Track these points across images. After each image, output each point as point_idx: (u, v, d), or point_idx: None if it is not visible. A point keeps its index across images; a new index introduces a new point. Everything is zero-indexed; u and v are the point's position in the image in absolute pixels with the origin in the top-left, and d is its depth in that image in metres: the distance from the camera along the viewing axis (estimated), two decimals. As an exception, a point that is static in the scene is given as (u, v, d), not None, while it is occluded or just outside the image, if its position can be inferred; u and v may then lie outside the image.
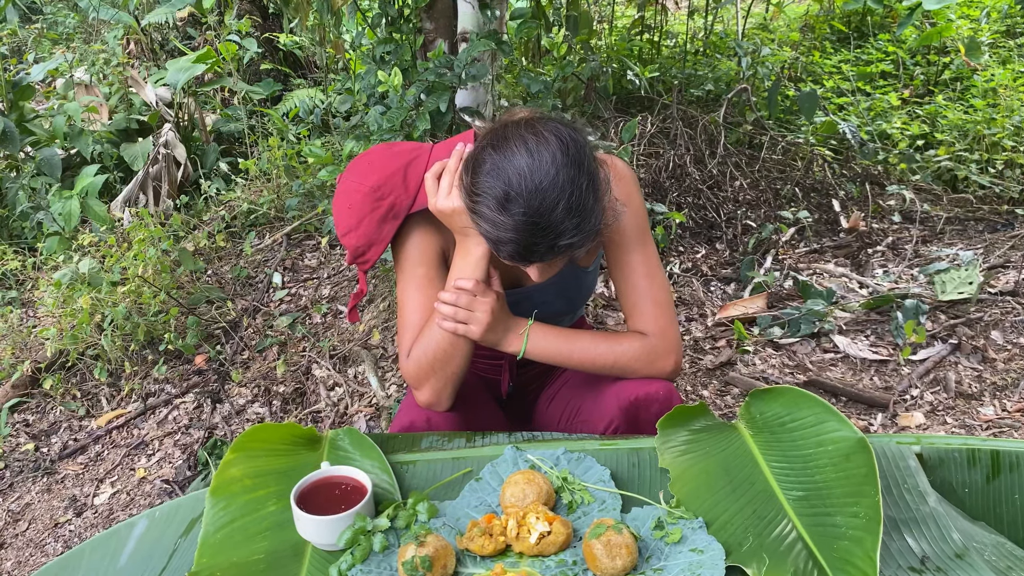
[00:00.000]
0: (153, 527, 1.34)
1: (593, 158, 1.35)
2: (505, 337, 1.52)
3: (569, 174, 1.28)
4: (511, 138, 1.32)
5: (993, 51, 5.21)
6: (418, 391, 1.53)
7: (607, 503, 1.26)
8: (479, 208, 1.32)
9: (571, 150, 1.30)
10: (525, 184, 1.27)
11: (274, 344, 3.23)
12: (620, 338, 1.54)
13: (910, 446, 1.32)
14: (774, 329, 2.99)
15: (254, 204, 4.10)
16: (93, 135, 4.58)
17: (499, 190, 1.29)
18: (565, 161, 1.28)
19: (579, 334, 1.55)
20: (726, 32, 5.85)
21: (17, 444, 2.95)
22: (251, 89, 5.01)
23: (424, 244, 1.56)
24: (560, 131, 1.32)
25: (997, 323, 2.88)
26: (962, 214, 3.78)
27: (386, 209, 1.53)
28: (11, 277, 3.92)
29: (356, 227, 1.55)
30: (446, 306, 1.46)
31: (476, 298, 1.46)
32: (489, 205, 1.30)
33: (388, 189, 1.53)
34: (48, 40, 6.52)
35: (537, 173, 1.27)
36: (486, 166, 1.32)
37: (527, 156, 1.28)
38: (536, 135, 1.30)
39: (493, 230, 1.31)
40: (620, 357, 1.51)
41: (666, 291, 1.57)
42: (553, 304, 1.66)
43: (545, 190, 1.27)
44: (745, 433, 1.34)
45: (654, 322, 1.53)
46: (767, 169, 4.05)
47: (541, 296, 1.64)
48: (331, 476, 1.29)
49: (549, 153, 1.28)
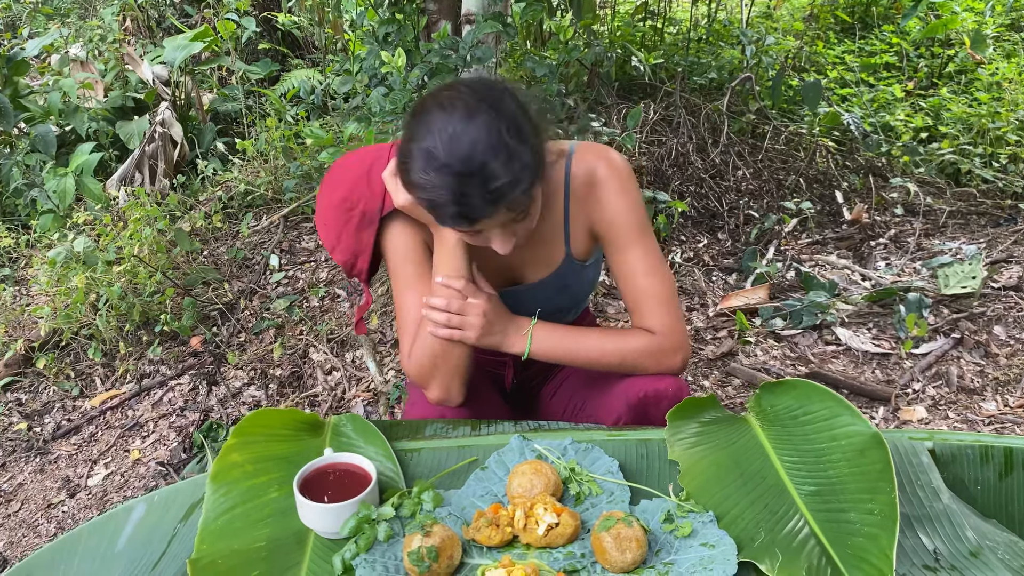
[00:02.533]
0: (152, 512, 1.31)
1: (519, 104, 1.31)
2: (506, 338, 1.48)
3: (485, 119, 1.24)
4: (427, 102, 1.30)
5: (998, 44, 5.18)
6: (427, 390, 1.51)
7: (615, 495, 1.24)
8: (411, 178, 1.30)
9: (486, 97, 1.27)
10: (442, 137, 1.24)
11: (271, 327, 3.20)
12: (627, 336, 1.50)
13: (923, 442, 1.30)
14: (776, 320, 2.97)
15: (251, 185, 4.06)
16: (88, 112, 4.52)
17: (421, 151, 1.26)
18: (480, 107, 1.25)
19: (585, 332, 1.52)
20: (730, 20, 5.80)
21: (10, 423, 2.91)
22: (249, 69, 4.96)
23: (407, 241, 1.52)
24: (473, 83, 1.31)
25: (1000, 318, 2.87)
26: (965, 208, 3.76)
27: (359, 218, 1.51)
28: (4, 255, 3.87)
29: (337, 243, 1.54)
30: (436, 312, 1.43)
31: (467, 301, 1.43)
32: (416, 169, 1.28)
33: (356, 198, 1.51)
34: (43, 15, 6.42)
35: (451, 123, 1.24)
36: (407, 135, 1.30)
37: (441, 112, 1.26)
38: (450, 91, 1.29)
39: (427, 194, 1.28)
40: (627, 356, 1.48)
41: (669, 286, 1.52)
42: (555, 300, 1.62)
43: (460, 136, 1.23)
44: (756, 426, 1.32)
45: (660, 320, 1.49)
46: (770, 159, 4.02)
47: (542, 293, 1.60)
48: (334, 463, 1.26)
49: (462, 103, 1.26)
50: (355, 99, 3.76)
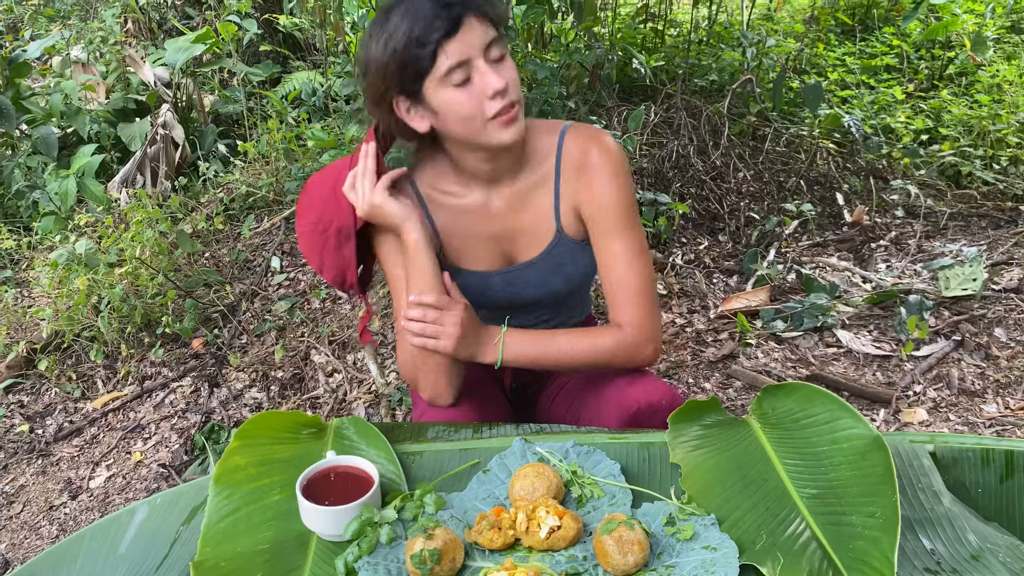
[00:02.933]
0: (154, 514, 1.32)
1: None
2: (479, 349, 1.49)
3: None
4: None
5: (998, 46, 5.18)
6: (417, 391, 1.55)
7: (617, 498, 1.24)
8: (371, 52, 1.36)
9: None
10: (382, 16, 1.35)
11: (272, 329, 3.20)
12: (597, 335, 1.52)
13: (924, 445, 1.30)
14: (777, 322, 2.97)
15: (253, 187, 4.06)
16: (90, 114, 4.52)
17: (369, 31, 1.37)
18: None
19: (555, 335, 1.53)
20: (730, 22, 5.80)
21: (11, 425, 2.92)
22: (250, 71, 4.96)
23: (390, 247, 1.54)
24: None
25: (1001, 320, 2.87)
26: (966, 210, 3.76)
27: (335, 236, 1.53)
28: (6, 256, 3.88)
29: (323, 264, 1.56)
30: (413, 323, 1.45)
31: (443, 313, 1.44)
32: (375, 40, 1.35)
33: (328, 217, 1.53)
34: (45, 17, 6.43)
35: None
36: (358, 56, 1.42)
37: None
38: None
39: (397, 37, 1.32)
40: (600, 354, 1.50)
41: (645, 278, 1.52)
42: (551, 282, 1.61)
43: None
44: (757, 429, 1.32)
45: (630, 314, 1.50)
46: (771, 161, 4.03)
47: (536, 274, 1.60)
48: (337, 466, 1.27)
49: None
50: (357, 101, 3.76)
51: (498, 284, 1.59)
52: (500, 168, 1.50)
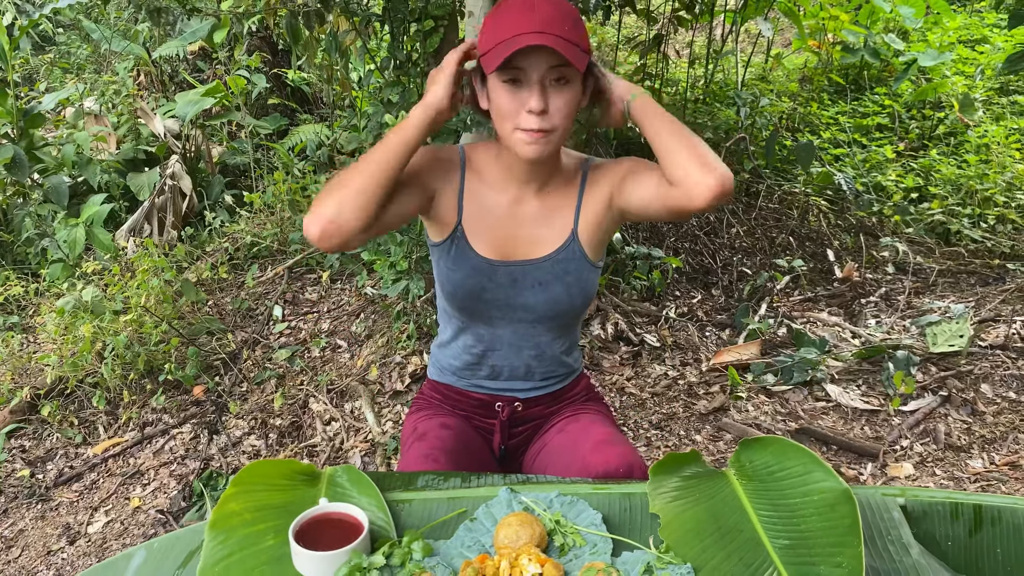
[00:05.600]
0: (151, 559, 1.36)
1: None
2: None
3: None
4: None
5: (987, 108, 5.32)
6: (319, 207, 1.45)
7: (598, 547, 1.29)
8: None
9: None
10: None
11: (272, 377, 3.26)
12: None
13: (895, 498, 1.35)
14: (767, 376, 3.03)
15: (257, 237, 4.16)
16: (101, 164, 4.65)
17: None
18: None
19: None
20: (726, 82, 5.96)
21: (13, 470, 2.96)
22: (258, 123, 5.10)
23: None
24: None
25: (987, 376, 2.92)
26: (954, 267, 3.84)
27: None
28: (14, 303, 3.95)
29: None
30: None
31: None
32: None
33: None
34: (60, 69, 6.62)
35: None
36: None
37: None
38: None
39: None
40: (698, 144, 1.48)
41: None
42: (551, 286, 1.64)
43: None
44: (735, 481, 1.37)
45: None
46: (763, 217, 4.12)
47: (541, 274, 1.64)
48: (329, 512, 1.31)
49: None
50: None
51: (502, 275, 1.64)
52: (533, 172, 1.60)
